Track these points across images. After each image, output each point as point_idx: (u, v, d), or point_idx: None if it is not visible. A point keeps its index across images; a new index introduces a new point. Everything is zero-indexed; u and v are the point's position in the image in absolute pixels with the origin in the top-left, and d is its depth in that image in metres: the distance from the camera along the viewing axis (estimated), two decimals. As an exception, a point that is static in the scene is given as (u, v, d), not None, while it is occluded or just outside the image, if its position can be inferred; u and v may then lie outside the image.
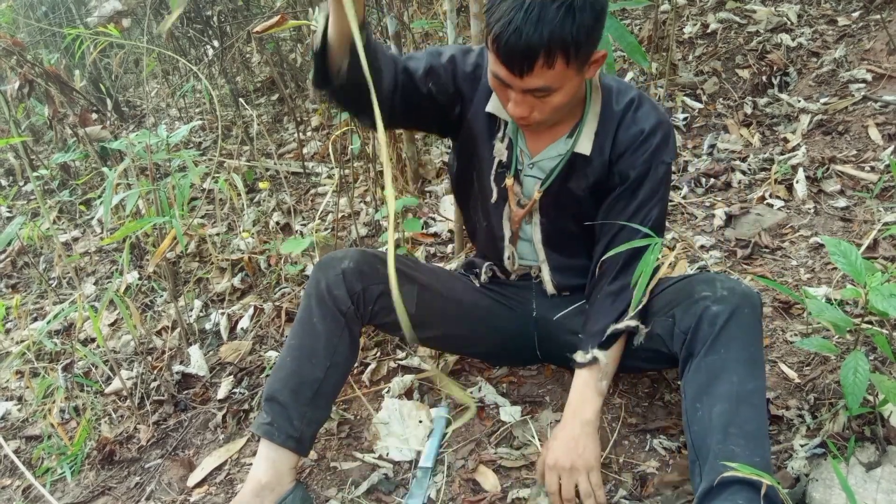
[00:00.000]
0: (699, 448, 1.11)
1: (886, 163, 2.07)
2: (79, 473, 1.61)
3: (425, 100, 1.29)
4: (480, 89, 1.32)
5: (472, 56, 1.33)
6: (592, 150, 1.27)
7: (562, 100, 1.14)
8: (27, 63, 2.70)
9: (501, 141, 1.33)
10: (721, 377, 1.12)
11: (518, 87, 1.11)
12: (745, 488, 1.02)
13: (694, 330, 1.18)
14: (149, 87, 4.70)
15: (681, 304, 1.22)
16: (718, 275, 1.26)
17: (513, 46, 1.03)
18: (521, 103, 1.14)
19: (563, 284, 1.44)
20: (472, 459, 1.40)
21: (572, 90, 1.14)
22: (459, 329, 1.48)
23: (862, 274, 1.16)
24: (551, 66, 1.05)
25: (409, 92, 1.26)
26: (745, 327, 1.14)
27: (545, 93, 1.11)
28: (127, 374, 1.89)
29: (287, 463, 1.30)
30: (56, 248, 2.47)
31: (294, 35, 3.79)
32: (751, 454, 1.05)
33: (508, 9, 1.02)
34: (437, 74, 1.29)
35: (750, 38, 2.89)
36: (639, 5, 1.90)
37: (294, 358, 1.31)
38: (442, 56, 1.31)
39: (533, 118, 1.17)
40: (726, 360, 1.13)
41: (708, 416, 1.11)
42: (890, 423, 1.24)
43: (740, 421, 1.08)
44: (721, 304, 1.16)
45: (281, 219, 2.58)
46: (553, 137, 1.31)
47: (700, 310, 1.17)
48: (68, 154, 2.85)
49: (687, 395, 1.17)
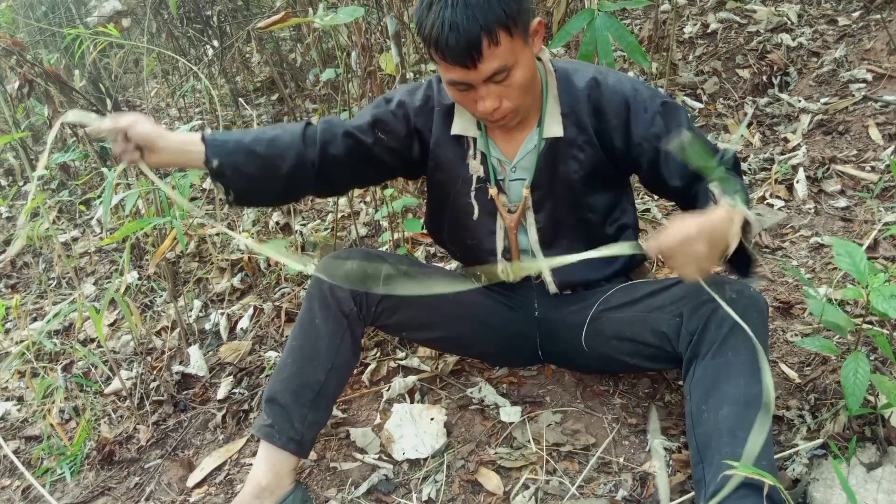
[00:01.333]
0: (703, 450, 1.10)
1: (887, 163, 2.07)
2: (78, 474, 1.61)
3: (377, 150, 1.34)
4: (437, 118, 1.34)
5: (420, 91, 1.36)
6: (567, 130, 1.28)
7: (523, 76, 1.15)
8: (27, 63, 2.70)
9: (475, 158, 1.34)
10: (728, 380, 1.11)
11: (478, 80, 1.12)
12: (753, 492, 1.02)
13: (701, 331, 1.17)
14: (148, 87, 4.70)
15: (688, 305, 1.21)
16: (727, 277, 1.26)
17: (456, 42, 1.06)
18: (487, 96, 1.15)
19: (565, 282, 1.43)
20: (472, 460, 1.40)
21: (528, 63, 1.16)
22: (461, 330, 1.47)
23: (865, 274, 1.16)
24: (497, 43, 1.08)
25: (356, 150, 1.33)
26: (753, 331, 1.12)
27: (504, 73, 1.12)
28: (126, 375, 1.89)
29: (287, 465, 1.30)
30: (56, 248, 2.47)
31: (294, 35, 3.79)
32: (759, 458, 1.04)
33: (435, 12, 1.07)
34: (385, 122, 1.34)
35: (750, 38, 2.89)
36: (639, 5, 1.90)
37: (295, 359, 1.31)
38: (390, 103, 1.36)
39: (505, 108, 1.18)
40: (733, 363, 1.12)
41: (714, 419, 1.10)
42: (890, 424, 1.24)
43: (747, 425, 1.07)
44: (729, 307, 1.14)
45: (281, 219, 2.58)
46: (524, 134, 1.32)
47: (708, 312, 1.17)
48: (68, 154, 2.84)
49: (692, 397, 1.16)
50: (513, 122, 1.25)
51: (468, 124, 1.33)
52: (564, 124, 1.28)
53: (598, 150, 1.29)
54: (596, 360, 1.42)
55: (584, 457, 1.36)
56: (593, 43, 1.77)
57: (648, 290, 1.33)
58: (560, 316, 1.43)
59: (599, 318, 1.37)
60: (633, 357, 1.33)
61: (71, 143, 3.09)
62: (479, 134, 1.34)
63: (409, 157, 1.38)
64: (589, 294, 1.42)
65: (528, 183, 1.33)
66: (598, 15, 1.77)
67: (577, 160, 1.30)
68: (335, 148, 1.32)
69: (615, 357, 1.37)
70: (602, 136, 1.28)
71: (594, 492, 1.28)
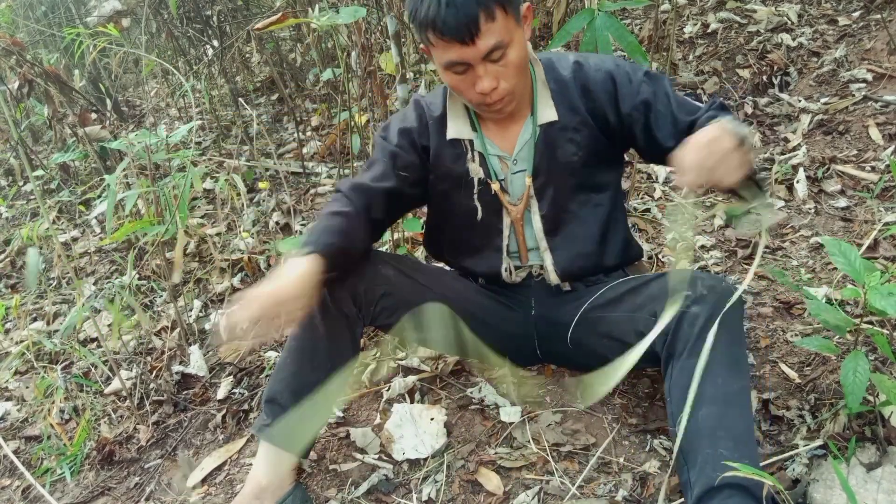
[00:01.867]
0: (687, 452, 1.09)
1: (887, 163, 2.07)
2: (78, 474, 1.61)
3: (407, 189, 1.38)
4: (432, 130, 1.37)
5: (411, 112, 1.40)
6: (561, 114, 1.31)
7: (518, 55, 1.18)
8: (27, 63, 2.70)
9: (473, 161, 1.36)
10: (705, 379, 1.08)
11: (476, 57, 1.15)
12: (738, 492, 1.02)
13: (675, 330, 1.16)
14: (148, 87, 4.70)
15: (662, 303, 1.19)
16: (700, 272, 1.24)
17: (453, 18, 1.10)
18: (485, 75, 1.17)
19: (567, 272, 1.42)
20: (472, 460, 1.40)
21: (521, 43, 1.19)
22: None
23: (861, 274, 1.16)
24: (493, 18, 1.12)
25: (392, 198, 1.36)
26: (726, 327, 1.11)
27: (501, 51, 1.16)
28: (126, 375, 1.88)
29: (287, 465, 1.30)
30: (56, 249, 2.47)
31: (294, 35, 3.79)
32: (740, 457, 1.04)
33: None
34: (396, 155, 1.37)
35: (750, 38, 2.89)
36: (639, 5, 1.90)
37: (295, 360, 1.31)
38: (388, 139, 1.38)
39: (503, 89, 1.20)
40: (709, 361, 1.08)
41: (694, 420, 1.09)
42: (890, 423, 1.24)
43: (728, 423, 1.07)
44: (700, 304, 1.14)
45: (281, 219, 2.58)
46: (519, 125, 1.34)
47: (681, 310, 1.15)
48: (68, 154, 2.84)
49: (672, 399, 1.15)
50: (509, 106, 1.26)
51: (462, 127, 1.35)
52: (557, 108, 1.31)
53: (594, 129, 1.31)
54: (592, 359, 1.42)
55: (584, 457, 1.36)
56: (593, 43, 1.77)
57: (630, 286, 1.33)
58: (557, 315, 1.43)
59: (590, 317, 1.37)
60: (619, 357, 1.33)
61: (71, 143, 3.09)
62: (474, 135, 1.35)
63: (427, 179, 1.41)
64: (586, 292, 1.42)
65: (529, 172, 1.34)
66: (599, 15, 1.77)
67: (575, 142, 1.32)
68: (372, 213, 1.34)
69: (608, 356, 1.37)
70: (595, 114, 1.31)
71: (594, 492, 1.28)
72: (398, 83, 2.17)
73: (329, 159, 3.02)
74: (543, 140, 1.32)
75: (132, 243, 2.39)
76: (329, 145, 3.02)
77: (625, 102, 1.27)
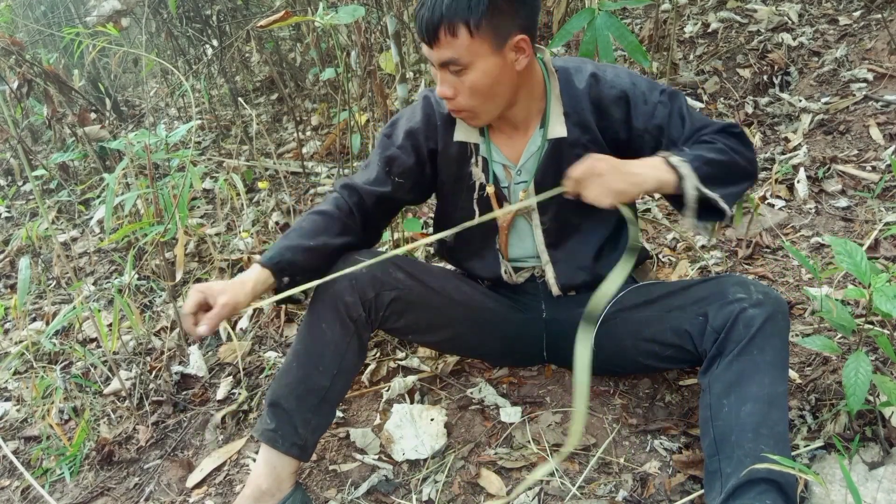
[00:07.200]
0: (721, 442, 1.12)
1: (888, 162, 2.07)
2: (78, 474, 1.61)
3: (399, 194, 1.39)
4: (441, 130, 1.37)
5: (418, 110, 1.39)
6: (570, 131, 1.30)
7: (478, 80, 1.18)
8: (26, 63, 2.70)
9: (476, 165, 1.36)
10: (753, 378, 1.13)
11: (435, 61, 1.18)
12: (773, 488, 1.05)
13: (728, 329, 1.18)
14: (147, 87, 4.70)
15: (713, 304, 1.22)
16: (749, 279, 1.28)
17: (423, 18, 1.15)
18: (443, 81, 1.20)
19: (567, 284, 1.43)
20: (472, 461, 1.39)
21: (489, 71, 1.18)
22: (468, 332, 1.46)
23: (866, 274, 1.16)
24: (454, 34, 1.13)
25: (382, 202, 1.38)
26: (778, 332, 1.16)
27: (457, 67, 1.17)
28: (126, 375, 1.88)
29: (288, 468, 1.29)
30: (55, 249, 2.47)
31: (293, 34, 3.79)
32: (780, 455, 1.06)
33: None
34: (396, 162, 1.37)
35: (751, 38, 2.89)
36: (639, 4, 1.90)
37: (301, 364, 1.30)
38: (392, 137, 1.38)
39: (458, 103, 1.22)
40: (759, 362, 1.14)
41: (736, 414, 1.12)
42: (891, 424, 1.24)
43: (771, 422, 1.10)
44: (758, 307, 1.17)
45: (280, 218, 2.57)
46: (527, 135, 1.33)
47: (736, 311, 1.18)
48: (67, 154, 2.84)
49: (713, 390, 1.17)
50: (472, 121, 1.28)
51: (470, 131, 1.35)
52: (567, 125, 1.30)
53: (604, 146, 1.30)
54: (604, 361, 1.41)
55: (584, 457, 1.36)
56: (594, 42, 1.76)
57: (665, 290, 1.34)
58: (569, 317, 1.41)
59: (614, 319, 1.37)
60: (647, 358, 1.33)
61: (70, 142, 3.09)
62: (481, 140, 1.35)
63: (425, 183, 1.42)
64: None
65: (528, 185, 1.34)
66: (599, 14, 1.76)
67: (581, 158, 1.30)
68: (363, 211, 1.36)
69: (628, 357, 1.37)
70: (605, 131, 1.30)
71: (594, 492, 1.28)
72: (398, 83, 2.17)
73: (329, 159, 3.02)
74: (550, 154, 1.31)
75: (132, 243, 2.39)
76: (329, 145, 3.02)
77: (638, 121, 1.28)
